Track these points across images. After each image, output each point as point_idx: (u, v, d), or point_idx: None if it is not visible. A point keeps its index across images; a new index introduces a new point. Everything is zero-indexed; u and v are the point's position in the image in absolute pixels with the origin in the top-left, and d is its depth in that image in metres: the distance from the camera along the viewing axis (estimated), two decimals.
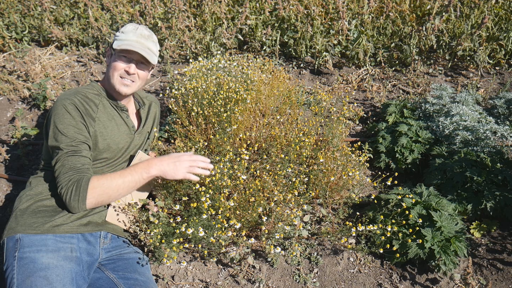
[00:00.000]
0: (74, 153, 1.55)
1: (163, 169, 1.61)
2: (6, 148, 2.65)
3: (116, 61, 1.70)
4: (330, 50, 3.45)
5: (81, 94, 1.70)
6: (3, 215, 2.19)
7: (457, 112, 2.47)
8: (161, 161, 1.63)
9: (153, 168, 1.60)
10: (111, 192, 1.55)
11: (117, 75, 1.72)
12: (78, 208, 1.52)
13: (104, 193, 1.53)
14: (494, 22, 3.41)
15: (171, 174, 1.62)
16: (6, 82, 3.30)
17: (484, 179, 2.02)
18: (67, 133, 1.57)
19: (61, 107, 1.61)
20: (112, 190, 1.54)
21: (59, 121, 1.59)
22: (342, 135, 2.34)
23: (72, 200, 1.49)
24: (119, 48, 1.66)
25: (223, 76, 2.52)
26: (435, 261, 1.78)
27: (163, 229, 1.71)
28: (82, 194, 1.49)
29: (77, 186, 1.49)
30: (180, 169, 1.62)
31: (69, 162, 1.54)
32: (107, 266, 1.61)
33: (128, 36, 1.69)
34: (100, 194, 1.52)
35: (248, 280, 1.81)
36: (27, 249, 1.44)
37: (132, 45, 1.67)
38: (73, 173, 1.52)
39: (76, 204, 1.50)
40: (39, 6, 3.94)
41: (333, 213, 2.11)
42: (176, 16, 3.56)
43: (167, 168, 1.61)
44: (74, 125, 1.59)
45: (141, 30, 1.73)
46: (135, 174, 1.58)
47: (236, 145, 2.12)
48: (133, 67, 1.71)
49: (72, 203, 1.50)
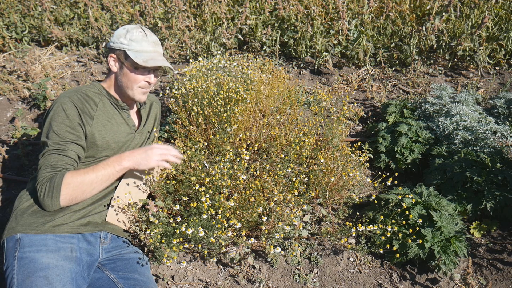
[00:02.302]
0: (58, 151, 1.54)
1: (135, 159, 1.61)
2: (6, 148, 2.65)
3: (136, 73, 1.70)
4: (330, 50, 3.45)
5: (81, 92, 1.70)
6: (3, 215, 2.19)
7: (457, 112, 2.47)
8: (133, 153, 1.62)
9: (125, 160, 1.60)
10: (85, 187, 1.52)
11: (137, 86, 1.73)
12: (52, 206, 1.49)
13: (78, 188, 1.50)
14: (494, 22, 3.41)
15: (144, 163, 1.61)
16: (6, 82, 3.30)
17: (484, 179, 2.02)
18: (59, 131, 1.57)
19: (59, 105, 1.61)
20: (86, 185, 1.52)
21: (54, 119, 1.59)
22: (342, 135, 2.34)
23: (46, 197, 1.47)
24: (146, 65, 1.64)
25: (223, 76, 2.52)
26: (435, 261, 1.78)
27: (163, 229, 1.71)
28: (56, 191, 1.47)
29: (50, 183, 1.47)
30: (152, 157, 1.61)
31: (51, 159, 1.53)
32: (107, 266, 1.61)
33: (143, 47, 1.67)
34: (74, 189, 1.49)
35: (248, 280, 1.81)
36: (27, 249, 1.44)
37: (156, 58, 1.68)
38: (50, 170, 1.50)
39: (49, 202, 1.47)
40: (39, 6, 3.94)
41: (333, 213, 2.11)
42: (176, 16, 3.56)
43: (138, 157, 1.61)
44: (67, 124, 1.58)
45: (150, 35, 1.71)
46: (108, 168, 1.57)
47: (236, 145, 2.12)
48: (153, 78, 1.74)
49: (46, 200, 1.47)
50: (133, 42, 1.66)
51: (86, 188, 1.53)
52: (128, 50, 1.65)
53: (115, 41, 1.68)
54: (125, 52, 1.66)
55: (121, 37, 1.67)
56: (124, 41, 1.66)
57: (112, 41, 1.68)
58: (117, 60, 1.71)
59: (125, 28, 1.69)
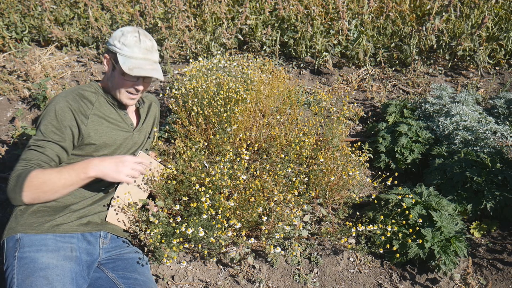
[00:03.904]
0: (37, 147, 1.54)
1: (103, 170, 1.54)
2: (6, 148, 2.65)
3: (124, 79, 1.68)
4: (330, 50, 3.45)
5: (77, 91, 1.70)
6: (3, 215, 2.19)
7: (457, 112, 2.47)
8: (102, 161, 1.56)
9: (92, 169, 1.52)
10: (46, 188, 1.49)
11: (124, 91, 1.72)
12: (15, 200, 1.48)
13: (40, 188, 1.48)
14: (494, 22, 3.41)
15: (112, 176, 1.55)
16: (6, 82, 3.30)
17: (484, 179, 2.02)
18: (45, 130, 1.57)
19: (52, 106, 1.61)
20: (48, 186, 1.49)
21: (44, 118, 1.59)
22: (342, 135, 2.34)
23: (10, 191, 1.47)
24: (130, 73, 1.61)
25: (223, 76, 2.52)
26: (435, 261, 1.78)
27: (163, 229, 1.71)
28: (20, 187, 1.46)
29: (18, 178, 1.47)
30: (122, 172, 1.57)
31: (28, 154, 1.53)
32: (107, 265, 1.61)
33: (134, 53, 1.64)
34: (36, 188, 1.47)
35: (248, 280, 1.81)
36: (27, 249, 1.45)
37: (142, 67, 1.64)
38: (24, 164, 1.50)
39: (13, 195, 1.47)
40: (39, 6, 3.94)
41: (333, 213, 2.11)
42: (176, 16, 3.56)
43: (107, 168, 1.55)
44: (54, 124, 1.58)
45: (144, 41, 1.67)
46: (72, 173, 1.52)
47: (236, 145, 2.12)
48: (141, 86, 1.72)
49: (11, 193, 1.47)
50: (125, 47, 1.64)
51: (48, 189, 1.50)
52: (119, 54, 1.65)
53: (110, 42, 1.68)
54: (116, 55, 1.66)
55: (116, 39, 1.66)
56: (118, 44, 1.65)
57: (109, 42, 1.69)
58: (110, 61, 1.71)
59: (122, 30, 1.68)
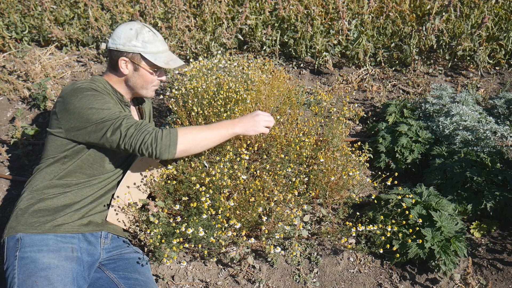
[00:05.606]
0: (131, 117, 1.57)
1: (245, 126, 1.69)
2: (6, 148, 2.65)
3: (152, 76, 1.73)
4: (330, 50, 3.45)
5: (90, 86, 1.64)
6: (3, 215, 2.19)
7: (457, 112, 2.47)
8: (242, 120, 1.71)
9: (237, 126, 1.68)
10: (199, 139, 1.58)
11: (151, 86, 1.77)
12: (168, 154, 1.51)
13: (194, 140, 1.56)
14: (494, 22, 3.41)
15: (253, 129, 1.70)
16: (6, 82, 3.30)
17: (484, 179, 2.02)
18: (109, 107, 1.56)
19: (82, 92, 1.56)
20: (201, 139, 1.59)
21: (91, 102, 1.54)
22: (342, 135, 2.34)
23: (162, 145, 1.49)
24: (168, 67, 1.68)
25: (223, 76, 2.52)
26: (435, 261, 1.78)
27: (163, 229, 1.71)
28: (173, 139, 1.50)
29: (165, 133, 1.51)
30: (260, 123, 1.71)
31: (136, 121, 1.54)
32: (108, 266, 1.61)
33: (158, 47, 1.69)
34: (190, 140, 1.55)
35: (248, 280, 1.82)
36: (28, 249, 1.45)
37: (174, 58, 1.73)
38: (148, 126, 1.53)
39: (166, 149, 1.50)
40: (39, 6, 3.94)
41: (333, 213, 2.11)
42: (176, 16, 3.56)
43: (248, 125, 1.70)
44: (108, 101, 1.59)
45: (157, 33, 1.73)
46: (221, 129, 1.64)
47: (236, 145, 2.12)
48: (164, 75, 1.79)
49: (162, 147, 1.49)
50: (147, 44, 1.65)
51: (201, 142, 1.59)
52: (144, 53, 1.65)
53: (125, 44, 1.63)
54: (141, 54, 1.66)
55: (132, 39, 1.63)
56: (138, 44, 1.64)
57: (121, 44, 1.64)
58: (130, 63, 1.68)
59: (131, 28, 1.64)
